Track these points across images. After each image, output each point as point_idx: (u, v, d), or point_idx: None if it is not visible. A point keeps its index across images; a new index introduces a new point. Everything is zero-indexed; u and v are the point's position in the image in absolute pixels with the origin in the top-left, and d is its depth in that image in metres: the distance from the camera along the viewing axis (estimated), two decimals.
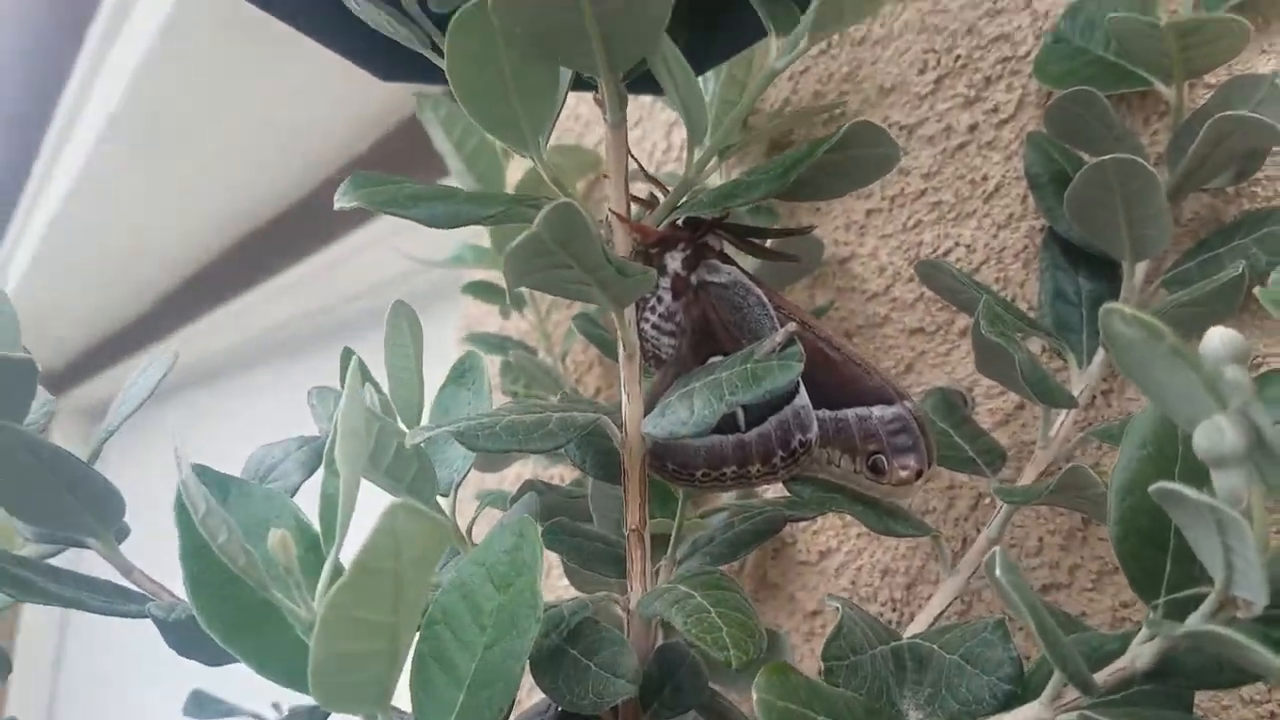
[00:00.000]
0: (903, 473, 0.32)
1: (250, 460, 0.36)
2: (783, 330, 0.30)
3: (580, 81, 0.31)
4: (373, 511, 0.20)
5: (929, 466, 0.32)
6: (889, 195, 0.46)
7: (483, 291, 0.62)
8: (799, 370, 0.27)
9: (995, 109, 0.43)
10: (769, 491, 0.45)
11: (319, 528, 0.25)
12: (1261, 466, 0.19)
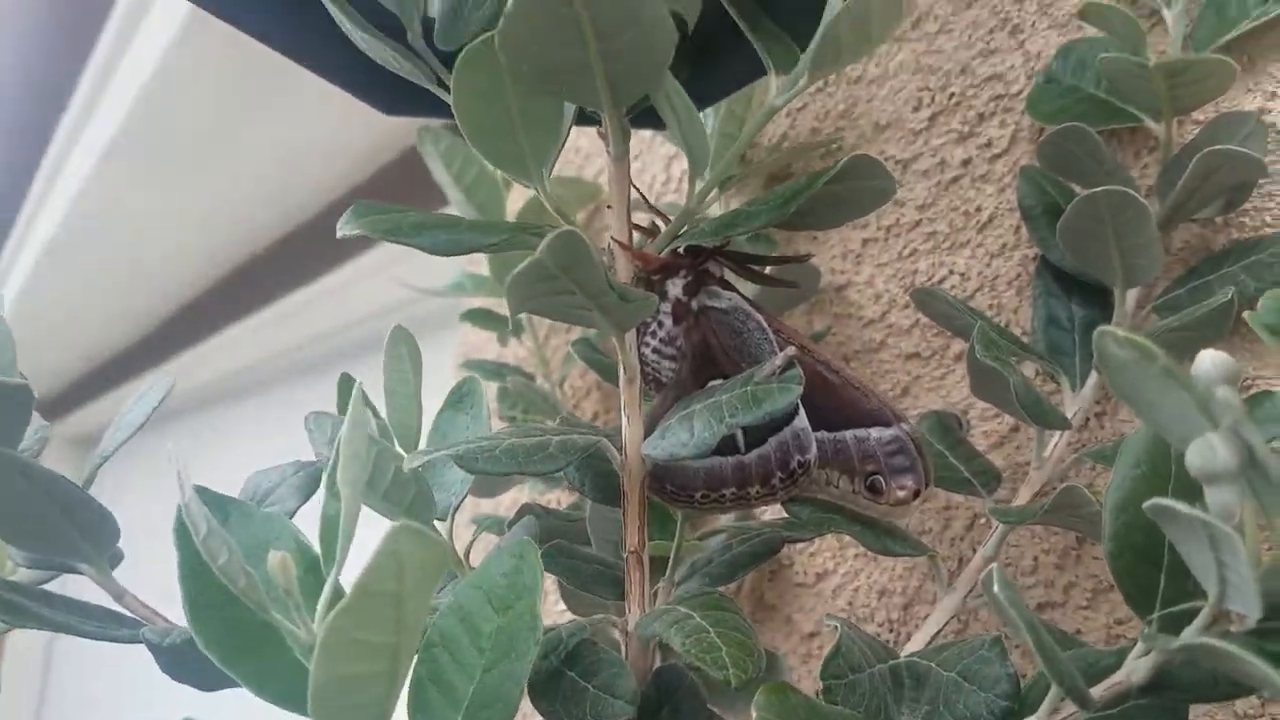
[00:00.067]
0: (900, 493, 0.32)
1: (246, 485, 0.36)
2: (782, 354, 0.30)
3: (583, 116, 0.31)
4: (368, 536, 0.20)
5: (926, 487, 0.32)
6: (885, 225, 0.47)
7: (481, 319, 0.62)
8: (799, 392, 0.28)
9: (989, 144, 0.44)
10: (767, 513, 0.45)
11: (319, 550, 0.25)
12: (1254, 483, 0.20)
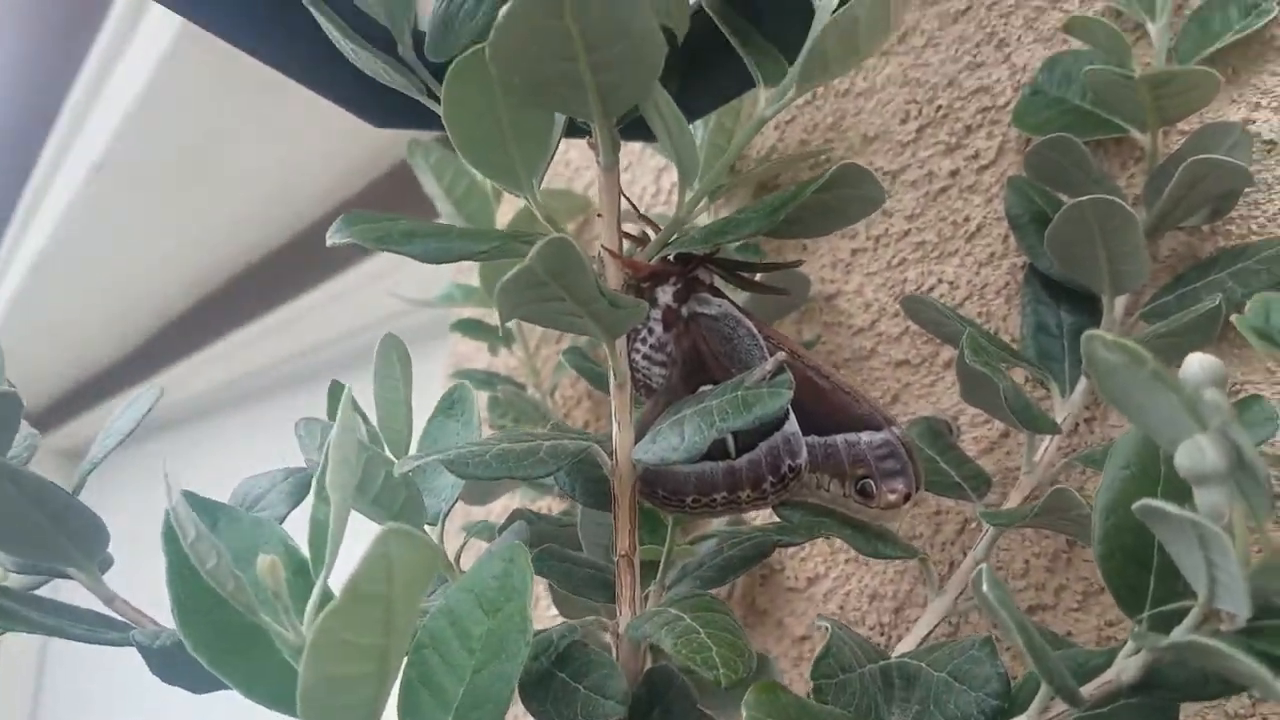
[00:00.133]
0: (891, 496, 0.32)
1: (236, 492, 0.36)
2: (772, 359, 0.30)
3: (573, 128, 0.31)
4: (357, 541, 0.20)
5: (916, 490, 0.33)
6: (874, 235, 0.47)
7: (471, 329, 0.62)
8: (789, 397, 0.28)
9: (976, 155, 0.44)
10: (758, 518, 0.45)
11: (308, 554, 0.25)
12: (1242, 484, 0.20)
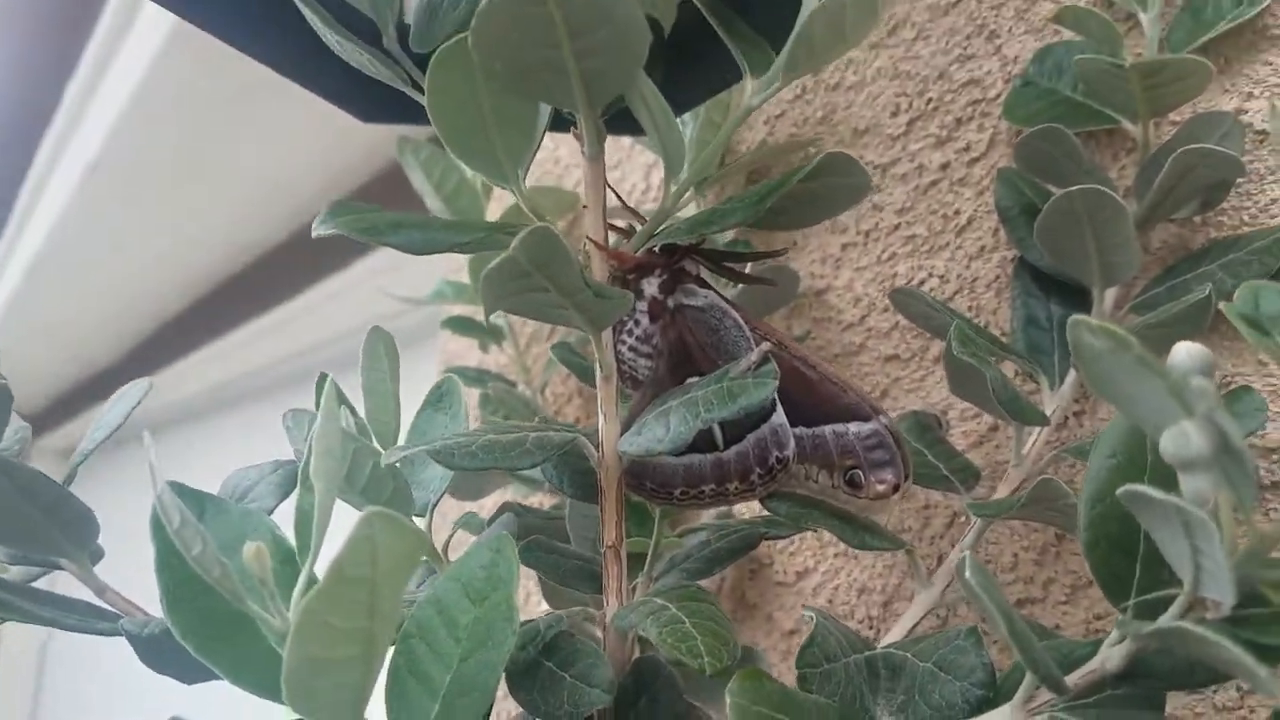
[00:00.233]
0: (880, 487, 0.32)
1: (225, 484, 0.36)
2: (758, 350, 0.30)
3: (559, 121, 0.31)
4: (347, 531, 0.20)
5: (905, 480, 0.32)
6: (864, 230, 0.47)
7: (462, 326, 0.62)
8: (774, 387, 0.28)
9: (966, 148, 0.44)
10: (748, 510, 0.45)
11: (294, 542, 0.25)
12: (1228, 470, 0.20)
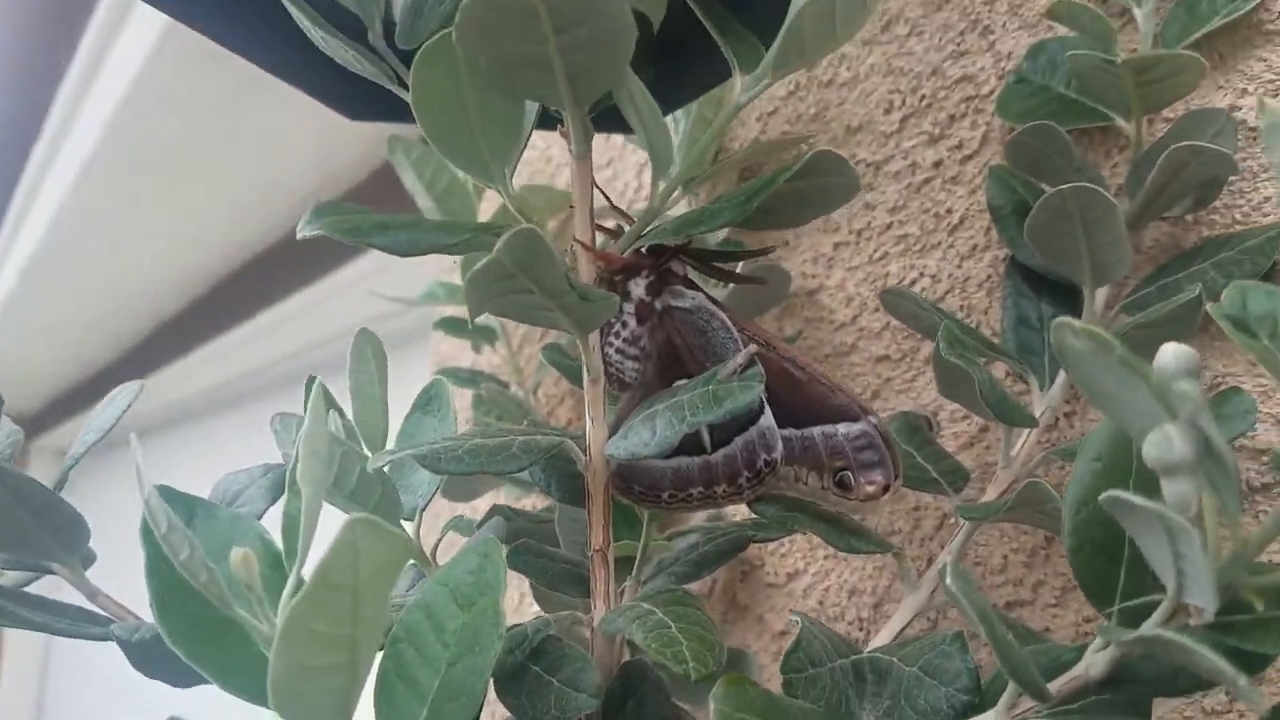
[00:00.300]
0: (870, 488, 0.32)
1: (216, 488, 0.36)
2: (743, 353, 0.30)
3: (547, 118, 0.31)
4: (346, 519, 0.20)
5: (895, 481, 0.32)
6: (856, 229, 0.47)
7: (454, 327, 0.62)
8: (759, 390, 0.28)
9: (959, 145, 0.44)
10: (738, 513, 0.45)
11: (282, 547, 0.25)
12: (1211, 475, 0.20)
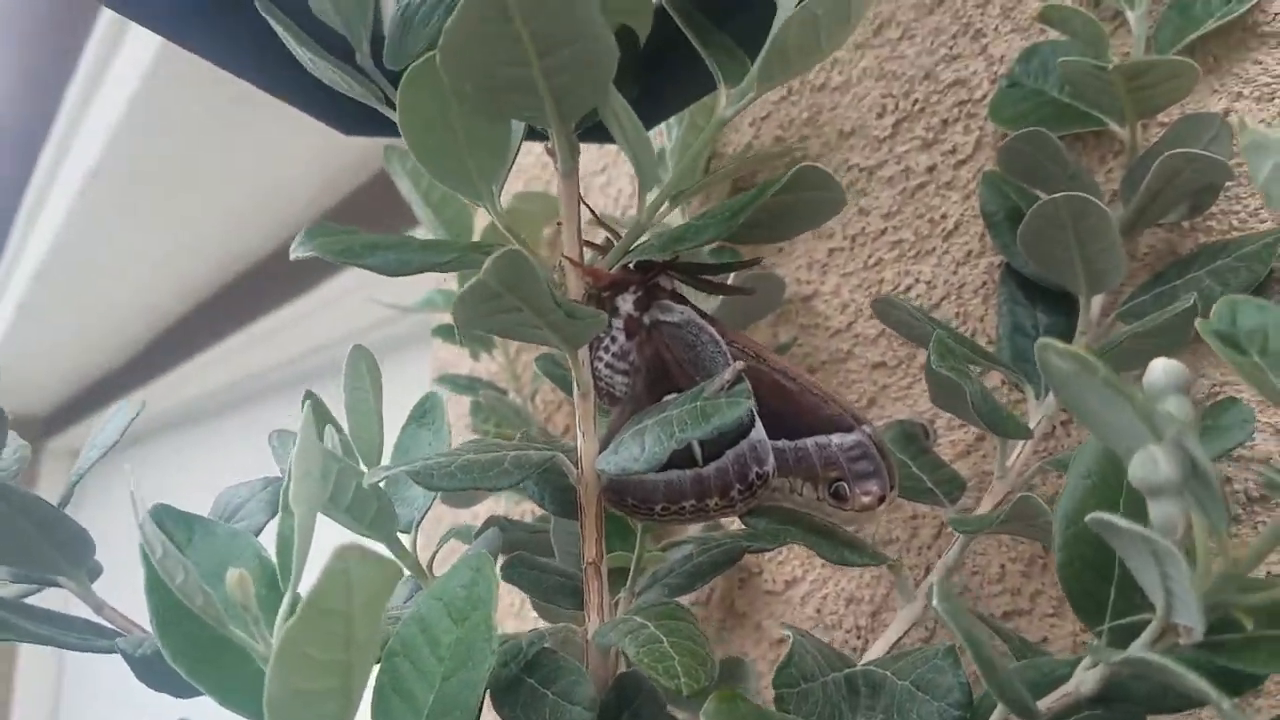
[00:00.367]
0: (865, 498, 0.32)
1: (217, 502, 0.37)
2: (730, 368, 0.30)
3: (534, 132, 0.31)
4: (329, 554, 0.20)
5: (891, 491, 0.32)
6: (850, 235, 0.47)
7: (452, 334, 0.62)
8: (747, 406, 0.28)
9: (953, 150, 0.44)
10: (734, 524, 0.45)
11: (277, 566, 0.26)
12: (1198, 495, 0.19)
